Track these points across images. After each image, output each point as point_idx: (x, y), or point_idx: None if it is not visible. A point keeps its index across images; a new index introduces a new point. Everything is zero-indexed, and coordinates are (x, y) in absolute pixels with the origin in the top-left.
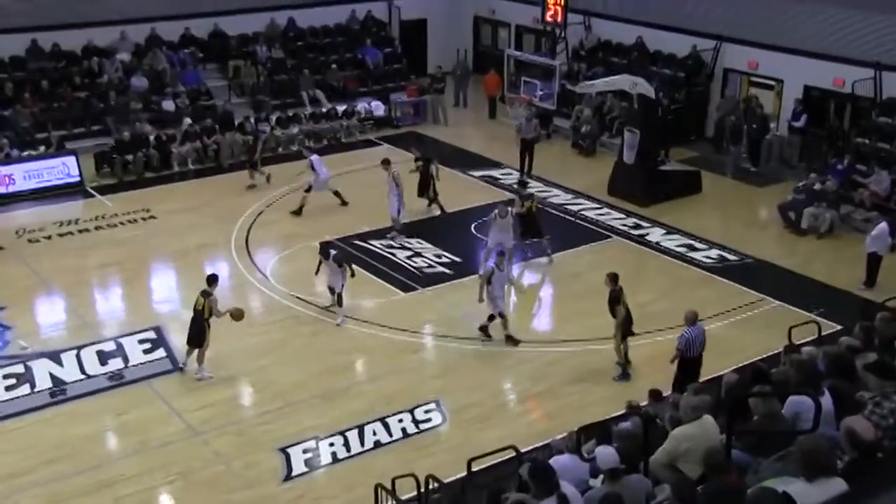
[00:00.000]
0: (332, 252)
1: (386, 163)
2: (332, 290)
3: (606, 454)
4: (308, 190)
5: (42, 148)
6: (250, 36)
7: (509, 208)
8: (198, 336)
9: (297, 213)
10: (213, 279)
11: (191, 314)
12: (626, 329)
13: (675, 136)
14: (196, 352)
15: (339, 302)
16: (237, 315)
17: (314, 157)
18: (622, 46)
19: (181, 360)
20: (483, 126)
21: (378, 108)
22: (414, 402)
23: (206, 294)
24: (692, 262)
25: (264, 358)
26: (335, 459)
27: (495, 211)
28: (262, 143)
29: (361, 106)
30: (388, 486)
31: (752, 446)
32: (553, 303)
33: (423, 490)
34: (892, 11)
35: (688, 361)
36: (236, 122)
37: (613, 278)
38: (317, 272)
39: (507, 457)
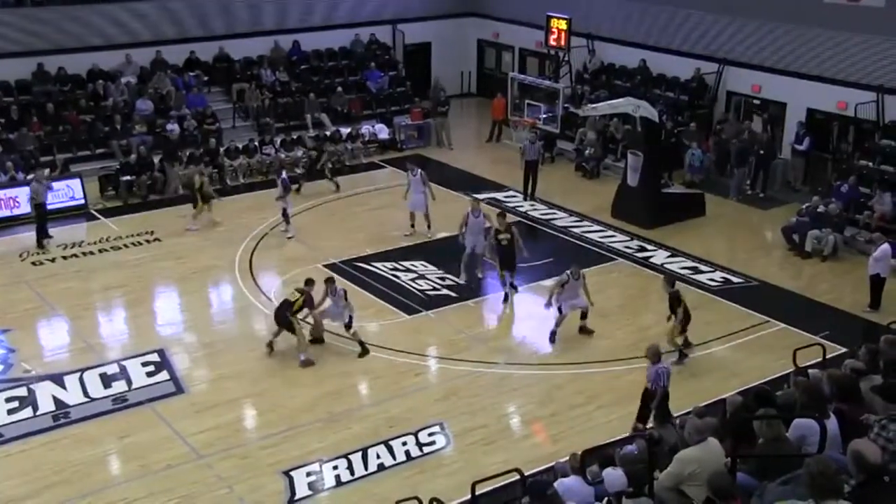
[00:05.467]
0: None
1: (412, 165)
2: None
3: (615, 477)
4: (285, 214)
5: (47, 171)
6: (255, 59)
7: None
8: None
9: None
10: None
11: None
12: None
13: (678, 158)
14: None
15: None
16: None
17: (284, 175)
18: (625, 70)
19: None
20: (487, 149)
21: (382, 131)
22: (418, 424)
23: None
24: (696, 284)
25: (268, 381)
26: (339, 482)
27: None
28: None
29: (366, 129)
30: None
31: (758, 469)
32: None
33: None
34: (895, 35)
35: (653, 394)
36: (241, 146)
37: (671, 281)
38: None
39: (511, 480)
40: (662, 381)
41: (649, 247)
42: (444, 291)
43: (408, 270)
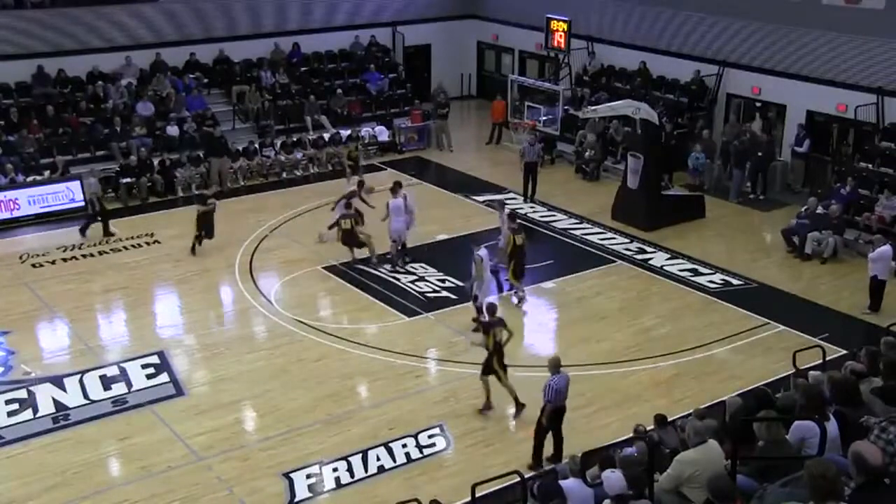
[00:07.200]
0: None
1: (398, 186)
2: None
3: (614, 479)
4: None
5: (47, 173)
6: (255, 61)
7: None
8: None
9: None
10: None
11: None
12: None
13: (678, 160)
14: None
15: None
16: None
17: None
18: (625, 72)
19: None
20: (487, 151)
21: (382, 133)
22: (418, 426)
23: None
24: (696, 286)
25: (268, 383)
26: (339, 485)
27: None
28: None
29: (365, 131)
30: None
31: (758, 471)
32: (557, 327)
33: None
34: (894, 37)
35: (555, 411)
36: (241, 148)
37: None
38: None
39: (511, 482)
40: (548, 395)
41: (649, 249)
42: (444, 293)
43: (408, 272)
